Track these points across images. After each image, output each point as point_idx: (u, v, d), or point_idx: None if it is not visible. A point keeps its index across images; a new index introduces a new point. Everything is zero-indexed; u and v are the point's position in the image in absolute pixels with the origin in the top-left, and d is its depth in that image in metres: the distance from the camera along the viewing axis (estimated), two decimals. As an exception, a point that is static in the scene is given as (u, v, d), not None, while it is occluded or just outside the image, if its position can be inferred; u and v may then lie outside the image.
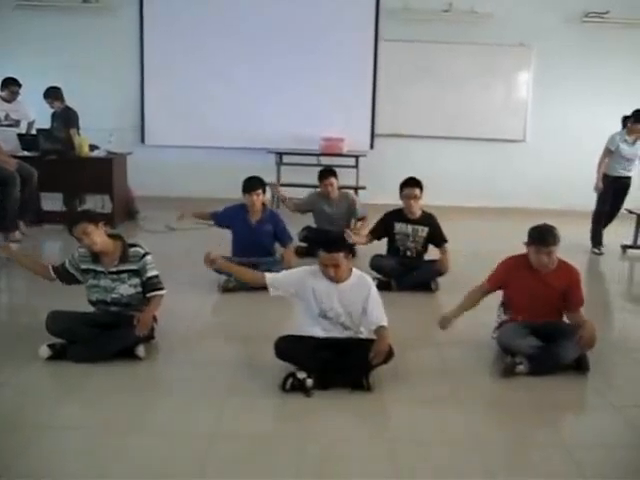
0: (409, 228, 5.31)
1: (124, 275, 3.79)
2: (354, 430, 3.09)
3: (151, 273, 3.83)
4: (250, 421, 3.10)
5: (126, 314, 3.81)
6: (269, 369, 3.53)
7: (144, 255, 3.82)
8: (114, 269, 3.78)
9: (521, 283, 3.84)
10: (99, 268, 3.80)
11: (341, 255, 3.42)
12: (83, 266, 3.83)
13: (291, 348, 3.45)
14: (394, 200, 5.42)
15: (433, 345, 4.15)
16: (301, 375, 3.33)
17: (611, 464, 2.88)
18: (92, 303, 3.89)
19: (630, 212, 6.98)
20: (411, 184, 5.28)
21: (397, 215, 5.35)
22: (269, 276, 3.61)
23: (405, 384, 3.52)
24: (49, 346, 3.67)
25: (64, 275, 3.90)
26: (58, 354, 3.66)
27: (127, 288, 3.81)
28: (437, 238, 5.33)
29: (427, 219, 5.34)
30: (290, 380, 3.33)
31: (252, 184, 5.27)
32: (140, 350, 3.72)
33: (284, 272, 3.71)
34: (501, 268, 3.95)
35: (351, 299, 3.50)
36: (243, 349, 4.04)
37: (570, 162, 9.26)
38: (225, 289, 5.07)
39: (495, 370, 3.72)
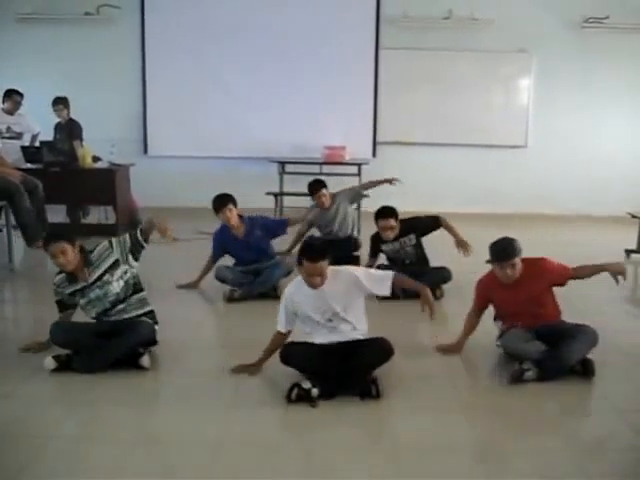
0: (396, 244, 5.33)
1: (106, 276, 3.77)
2: (359, 439, 3.08)
3: (128, 240, 3.80)
4: (255, 431, 3.09)
5: (128, 320, 3.82)
6: (274, 379, 3.55)
7: (110, 242, 3.80)
8: (94, 277, 3.77)
9: (502, 297, 3.90)
10: (80, 285, 3.79)
11: (325, 263, 3.40)
12: (67, 291, 3.84)
13: (295, 352, 3.49)
14: (397, 208, 5.41)
15: (437, 352, 4.14)
16: (306, 385, 3.32)
17: (616, 468, 2.87)
18: (94, 319, 3.89)
19: (633, 216, 6.96)
20: (385, 215, 5.22)
21: (380, 238, 5.35)
22: (280, 326, 3.62)
23: (410, 392, 3.51)
24: (54, 357, 3.68)
25: (68, 307, 3.93)
26: (63, 365, 3.67)
27: (116, 285, 3.79)
28: (429, 227, 5.32)
29: (407, 228, 5.30)
30: (295, 390, 3.32)
31: (220, 201, 5.18)
32: (145, 360, 3.73)
33: (280, 312, 3.63)
34: (478, 290, 4.06)
35: (341, 292, 3.48)
36: (248, 359, 4.02)
37: (572, 167, 9.29)
38: (230, 299, 5.07)
39: (499, 376, 3.71)
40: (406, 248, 5.33)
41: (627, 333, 4.57)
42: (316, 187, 6.22)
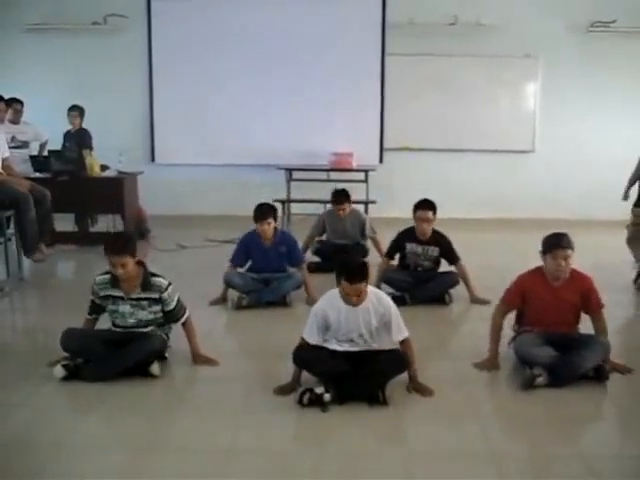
0: (419, 248, 5.30)
1: (144, 302, 3.82)
2: (371, 444, 3.07)
3: (172, 305, 3.86)
4: (267, 437, 3.09)
5: (140, 331, 3.83)
6: (285, 384, 3.54)
7: (167, 287, 3.84)
8: (134, 296, 3.81)
9: (536, 298, 3.85)
10: (118, 294, 3.83)
11: (364, 284, 3.46)
12: (102, 293, 3.86)
13: (308, 354, 3.50)
14: (404, 214, 5.43)
15: (448, 358, 4.13)
16: (319, 390, 3.32)
17: (628, 474, 2.86)
18: (114, 326, 3.93)
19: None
20: (425, 206, 5.20)
21: (409, 235, 5.31)
22: (311, 338, 3.55)
23: (422, 398, 3.49)
24: (63, 366, 3.67)
25: (98, 311, 3.95)
26: (72, 374, 3.66)
27: (146, 314, 3.85)
28: (449, 257, 5.33)
29: (438, 239, 5.29)
30: (307, 395, 3.31)
31: (263, 212, 5.17)
32: (155, 368, 3.72)
33: (310, 325, 3.58)
34: (516, 287, 3.95)
35: (373, 318, 3.54)
36: (258, 365, 4.03)
37: (579, 171, 9.25)
38: (238, 306, 5.07)
39: (512, 382, 3.69)
40: (427, 256, 5.31)
41: (637, 337, 4.56)
42: (340, 200, 6.24)
